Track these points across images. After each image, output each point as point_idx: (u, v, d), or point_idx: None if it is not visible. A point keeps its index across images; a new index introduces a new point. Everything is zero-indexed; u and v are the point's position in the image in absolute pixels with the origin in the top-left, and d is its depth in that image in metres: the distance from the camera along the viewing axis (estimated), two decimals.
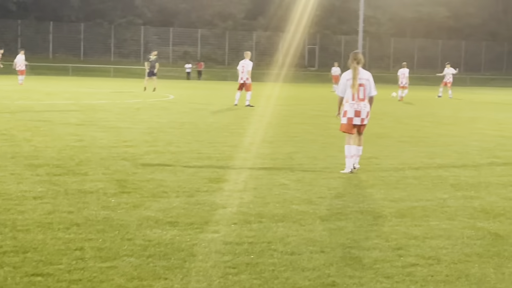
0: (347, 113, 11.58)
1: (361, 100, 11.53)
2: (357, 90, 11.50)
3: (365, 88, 11.55)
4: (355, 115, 11.52)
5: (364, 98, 11.54)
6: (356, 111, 11.51)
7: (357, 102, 11.51)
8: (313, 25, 79.58)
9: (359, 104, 11.51)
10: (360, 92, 11.51)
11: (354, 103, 11.51)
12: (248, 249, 6.50)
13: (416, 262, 6.24)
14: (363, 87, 11.53)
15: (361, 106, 11.51)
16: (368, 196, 9.33)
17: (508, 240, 7.13)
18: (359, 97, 11.52)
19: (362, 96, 11.53)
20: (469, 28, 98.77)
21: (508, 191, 9.97)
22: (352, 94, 11.52)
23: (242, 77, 28.62)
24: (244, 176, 10.67)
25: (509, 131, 19.84)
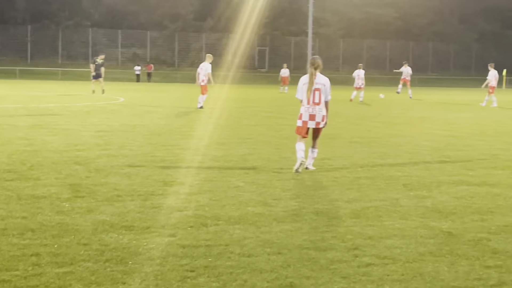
0: (302, 116, 11.90)
1: (316, 104, 11.80)
2: (313, 94, 11.77)
3: (320, 93, 11.80)
4: (309, 119, 11.84)
5: (319, 102, 11.80)
6: (311, 115, 11.82)
7: (312, 106, 11.81)
8: (262, 26, 79.86)
9: (314, 108, 11.80)
10: (315, 96, 11.79)
11: (309, 106, 11.81)
12: (206, 252, 6.51)
13: (371, 262, 6.32)
14: (318, 92, 11.80)
15: (316, 110, 11.80)
16: (322, 197, 9.40)
17: (460, 238, 7.25)
18: (314, 101, 11.80)
19: (317, 100, 11.79)
20: (416, 29, 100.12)
21: (459, 190, 10.14)
22: (308, 98, 11.80)
23: (204, 79, 28.41)
24: (198, 178, 10.67)
25: (458, 131, 20.16)
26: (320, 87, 11.83)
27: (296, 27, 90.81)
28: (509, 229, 7.69)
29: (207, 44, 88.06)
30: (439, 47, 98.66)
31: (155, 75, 79.48)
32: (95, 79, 40.17)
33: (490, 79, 35.99)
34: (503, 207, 8.95)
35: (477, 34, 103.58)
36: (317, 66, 11.88)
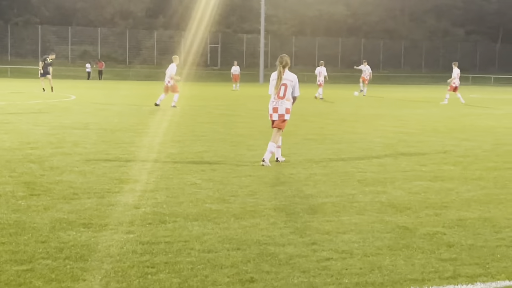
0: (269, 110, 12.68)
1: (280, 98, 12.51)
2: (279, 89, 12.47)
3: (286, 88, 12.50)
4: (273, 111, 12.57)
5: (283, 96, 12.49)
6: (274, 108, 12.56)
7: (277, 99, 12.54)
8: (215, 24, 79.82)
9: (277, 102, 12.53)
10: (281, 91, 12.49)
11: (274, 100, 12.55)
12: (165, 248, 6.52)
13: (330, 256, 6.39)
14: (285, 86, 12.50)
15: (279, 103, 12.51)
16: (279, 193, 9.46)
17: (415, 232, 7.37)
18: (279, 95, 12.51)
19: (282, 94, 12.50)
20: (367, 27, 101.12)
21: (412, 186, 10.29)
22: (275, 93, 12.53)
23: (169, 80, 28.15)
24: (154, 176, 10.65)
25: (410, 127, 20.42)
26: (287, 82, 12.49)
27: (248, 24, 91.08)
28: (463, 223, 7.84)
29: (159, 42, 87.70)
30: (390, 44, 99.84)
31: (106, 72, 78.86)
32: (42, 76, 39.79)
33: (454, 77, 36.39)
34: (456, 201, 9.12)
35: (427, 31, 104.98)
36: (285, 64, 12.60)
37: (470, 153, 14.47)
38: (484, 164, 12.79)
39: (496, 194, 9.71)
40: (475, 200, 9.25)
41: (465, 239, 7.09)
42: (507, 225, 7.77)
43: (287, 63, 12.66)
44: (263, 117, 23.92)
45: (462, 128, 20.65)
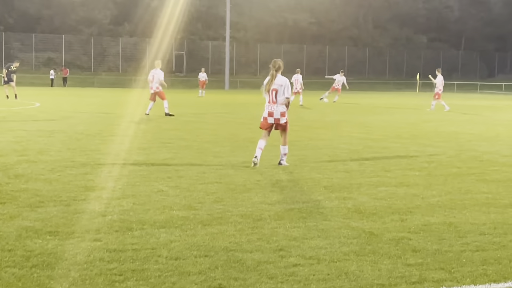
0: (264, 113, 13.42)
1: (274, 103, 13.25)
2: (271, 94, 13.19)
3: (276, 93, 13.18)
4: (268, 115, 13.35)
5: (276, 101, 13.22)
6: (269, 112, 13.33)
7: (271, 104, 13.28)
8: (180, 31, 79.71)
9: (272, 106, 13.28)
10: (273, 96, 13.21)
11: (269, 105, 13.32)
12: (133, 255, 6.51)
13: (297, 262, 6.43)
14: (275, 92, 13.18)
15: (273, 108, 13.26)
16: (246, 199, 9.48)
17: (381, 238, 7.44)
18: (272, 100, 13.23)
19: (274, 99, 13.21)
20: (332, 34, 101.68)
21: (378, 191, 10.38)
22: (268, 98, 13.28)
23: (152, 87, 27.64)
24: (121, 183, 10.61)
25: (375, 134, 20.57)
26: (277, 87, 13.15)
27: (214, 31, 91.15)
28: (428, 228, 7.93)
29: (124, 49, 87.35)
30: (354, 51, 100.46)
31: (71, 79, 78.27)
32: (6, 84, 39.46)
33: (438, 84, 36.57)
34: (421, 207, 9.21)
35: (391, 39, 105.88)
36: (278, 68, 13.28)
37: (434, 159, 14.62)
38: (448, 169, 12.94)
39: (460, 199, 9.83)
40: (439, 205, 9.36)
41: (430, 244, 7.17)
42: (471, 230, 7.87)
43: (280, 67, 13.28)
44: (229, 123, 23.96)
45: (425, 134, 20.84)
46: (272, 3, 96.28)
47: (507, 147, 17.27)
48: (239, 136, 18.95)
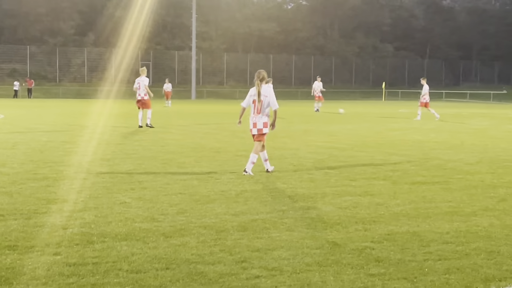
0: (250, 125, 13.58)
1: (258, 113, 13.46)
2: (256, 105, 13.44)
3: (262, 103, 13.42)
4: (253, 126, 13.54)
5: (260, 111, 13.45)
6: (254, 123, 13.51)
7: (255, 115, 13.49)
8: (145, 40, 79.48)
9: (255, 117, 13.49)
10: (258, 107, 13.44)
11: (254, 116, 13.51)
12: (93, 269, 6.40)
13: (260, 274, 6.37)
14: (261, 103, 13.42)
15: (257, 118, 13.48)
16: (209, 211, 9.41)
17: (345, 248, 7.41)
18: (257, 111, 13.46)
19: (259, 110, 13.45)
20: (298, 43, 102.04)
21: (342, 201, 10.36)
22: (254, 109, 13.48)
23: (140, 94, 27.18)
24: (83, 195, 10.48)
25: (340, 143, 20.60)
26: (262, 98, 13.40)
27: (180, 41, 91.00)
28: (391, 237, 7.92)
29: (89, 59, 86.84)
30: (320, 60, 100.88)
31: (36, 90, 77.62)
32: None
33: (425, 93, 36.65)
34: (385, 216, 9.21)
35: (357, 48, 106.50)
36: (262, 78, 13.45)
37: (399, 167, 14.67)
38: (413, 178, 12.97)
39: (424, 208, 9.85)
40: (403, 214, 9.36)
41: (393, 254, 7.16)
42: (435, 238, 7.87)
43: (264, 77, 13.46)
44: (194, 133, 23.87)
45: (391, 142, 20.93)
46: (238, 13, 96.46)
47: (471, 155, 17.39)
48: (205, 146, 18.87)
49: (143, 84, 27.17)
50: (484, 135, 24.68)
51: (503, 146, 19.87)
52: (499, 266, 6.71)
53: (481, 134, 24.92)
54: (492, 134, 25.03)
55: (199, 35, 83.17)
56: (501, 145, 20.21)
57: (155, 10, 76.40)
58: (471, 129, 27.89)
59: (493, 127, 29.50)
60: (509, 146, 20.06)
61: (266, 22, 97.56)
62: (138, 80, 27.39)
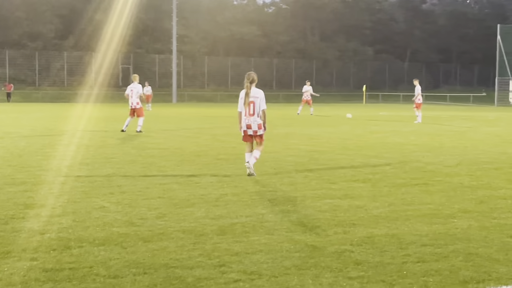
0: (241, 126, 13.89)
1: (251, 115, 13.77)
2: (248, 107, 13.71)
3: (254, 105, 13.78)
4: (247, 128, 13.86)
5: (253, 113, 13.77)
6: (247, 125, 13.83)
7: (248, 117, 13.79)
8: (126, 44, 79.24)
9: (249, 119, 13.79)
10: (250, 108, 13.76)
11: (246, 117, 13.80)
12: (70, 275, 6.35)
13: (238, 278, 6.34)
14: (253, 104, 13.77)
15: (251, 120, 13.79)
16: (189, 215, 9.37)
17: (324, 251, 7.40)
18: (249, 112, 13.76)
19: (252, 111, 13.78)
20: (279, 46, 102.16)
21: (322, 204, 10.35)
22: (245, 110, 13.76)
23: (133, 102, 26.73)
24: (61, 200, 10.41)
25: (321, 146, 20.61)
26: (254, 100, 13.75)
27: (160, 44, 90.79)
28: (371, 240, 7.91)
29: (69, 63, 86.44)
30: (301, 63, 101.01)
31: (15, 94, 77.12)
32: None
33: (418, 93, 36.54)
34: (364, 219, 9.21)
35: (337, 51, 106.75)
36: (252, 80, 13.81)
37: (379, 170, 14.69)
38: (392, 180, 13.00)
39: (403, 210, 9.86)
40: (383, 217, 9.37)
41: (372, 257, 7.15)
42: (414, 241, 7.88)
43: (254, 79, 13.82)
44: (175, 137, 23.79)
45: (371, 145, 20.97)
46: (219, 16, 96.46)
47: (451, 157, 17.45)
48: (185, 150, 18.82)
49: (136, 91, 26.77)
50: (463, 137, 24.80)
51: (483, 148, 19.97)
52: (477, 268, 6.73)
53: (460, 137, 25.03)
54: (471, 137, 25.15)
55: (180, 39, 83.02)
56: (481, 147, 20.31)
57: (136, 13, 76.21)
58: (451, 132, 28.01)
59: (473, 130, 29.65)
60: (489, 148, 20.16)
61: (247, 25, 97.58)
62: (131, 87, 26.95)
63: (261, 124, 13.86)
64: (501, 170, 14.80)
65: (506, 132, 27.77)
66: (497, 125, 33.87)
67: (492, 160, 16.70)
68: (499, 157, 17.48)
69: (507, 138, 24.22)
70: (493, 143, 22.15)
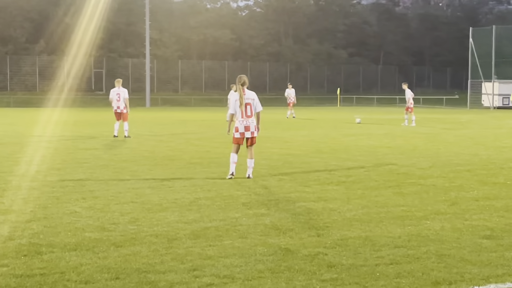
0: (238, 129, 13.83)
1: (248, 117, 13.84)
2: (245, 109, 13.74)
3: (251, 106, 13.87)
4: (245, 130, 13.85)
5: (251, 115, 13.87)
6: (246, 127, 13.84)
7: (246, 119, 13.81)
8: (98, 48, 78.78)
9: (247, 120, 13.83)
10: (247, 110, 13.82)
11: (243, 120, 13.80)
12: (40, 281, 6.28)
13: (211, 282, 6.31)
14: (249, 106, 13.84)
15: (249, 122, 13.86)
16: (162, 219, 9.32)
17: (297, 254, 7.38)
18: (246, 114, 13.81)
19: (249, 113, 13.85)
20: (253, 50, 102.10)
21: (296, 207, 10.34)
22: (241, 112, 13.75)
23: (119, 106, 26.23)
24: (32, 205, 10.30)
25: (295, 149, 20.62)
26: (250, 101, 13.84)
27: (133, 48, 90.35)
28: (344, 242, 7.91)
29: (41, 67, 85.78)
30: (275, 67, 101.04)
31: None
32: None
33: (409, 97, 36.52)
34: (338, 221, 9.21)
35: (311, 54, 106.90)
36: (243, 83, 13.83)
37: (353, 173, 14.72)
38: (366, 183, 13.02)
39: (376, 212, 9.88)
40: (356, 219, 9.38)
41: (346, 259, 7.15)
42: (387, 243, 7.89)
43: (245, 82, 13.83)
44: (148, 141, 23.67)
45: (344, 148, 21.00)
46: (192, 20, 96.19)
47: (424, 159, 17.53)
48: (158, 154, 18.73)
49: (123, 96, 26.32)
50: (436, 139, 24.92)
51: (455, 151, 20.08)
52: (449, 269, 6.74)
53: (433, 139, 25.16)
54: (444, 139, 25.29)
55: (153, 42, 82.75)
56: (453, 150, 20.43)
57: (107, 17, 75.71)
58: (424, 134, 28.14)
59: (446, 132, 29.82)
60: (461, 150, 20.28)
61: (221, 29, 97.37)
62: (115, 90, 26.45)
63: (257, 126, 14.02)
64: (474, 172, 14.89)
65: (479, 135, 27.97)
66: (470, 127, 34.09)
67: (464, 162, 16.80)
68: (472, 159, 17.59)
69: (479, 140, 24.39)
70: (466, 145, 22.29)
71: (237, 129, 13.87)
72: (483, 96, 70.56)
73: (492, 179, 13.61)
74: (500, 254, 7.37)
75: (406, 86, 36.84)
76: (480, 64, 70.40)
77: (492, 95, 68.77)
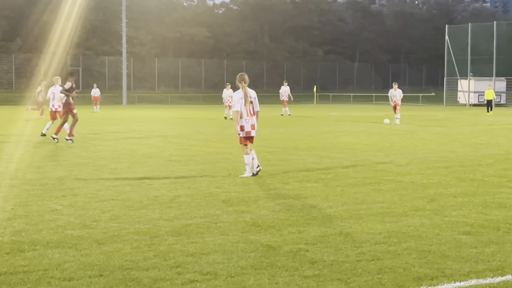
0: (244, 127, 13.75)
1: (252, 116, 13.83)
2: (249, 108, 13.68)
3: (253, 105, 13.85)
4: (251, 128, 13.86)
5: (254, 113, 13.87)
6: (252, 125, 13.85)
7: (250, 117, 13.80)
8: (74, 46, 78.33)
9: (252, 119, 13.83)
10: (251, 109, 13.77)
11: (249, 118, 13.77)
12: (24, 278, 6.29)
13: (194, 279, 6.35)
14: (252, 104, 13.82)
15: (253, 120, 13.87)
16: (143, 216, 9.34)
17: (279, 250, 7.44)
18: (250, 112, 13.78)
19: (252, 112, 13.85)
20: (229, 48, 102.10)
21: (276, 204, 10.40)
22: (247, 111, 13.68)
23: (54, 105, 25.75)
24: (13, 203, 10.28)
25: (272, 146, 20.67)
26: (252, 100, 13.82)
27: (110, 46, 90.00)
28: (325, 239, 7.98)
29: (17, 65, 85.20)
30: (252, 65, 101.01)
31: None
32: None
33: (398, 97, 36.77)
34: (318, 218, 9.28)
35: (287, 52, 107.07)
36: (245, 81, 13.77)
37: (331, 170, 14.80)
38: (345, 180, 13.11)
39: (356, 209, 9.96)
40: (336, 216, 9.45)
41: (327, 255, 7.21)
42: (367, 239, 7.97)
43: (246, 80, 13.79)
44: (126, 139, 23.63)
45: (322, 145, 21.09)
46: (168, 18, 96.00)
47: (401, 156, 17.66)
48: (137, 152, 18.71)
49: (57, 94, 25.45)
50: (413, 136, 25.10)
51: (432, 147, 20.24)
52: (430, 265, 6.83)
53: (410, 136, 25.34)
54: (421, 136, 25.47)
55: (130, 40, 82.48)
56: (430, 146, 20.59)
57: (83, 15, 75.34)
58: (401, 131, 28.32)
59: (422, 129, 30.04)
60: (438, 147, 20.44)
61: (197, 26, 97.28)
62: (52, 89, 26.02)
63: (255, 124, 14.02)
64: (451, 168, 15.03)
65: (455, 131, 28.20)
66: (446, 124, 34.37)
67: (441, 159, 16.95)
68: (449, 156, 17.75)
69: (456, 137, 24.60)
70: (442, 142, 22.47)
71: (243, 128, 13.77)
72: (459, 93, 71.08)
73: (470, 176, 13.75)
74: (480, 250, 7.47)
75: (396, 85, 37.41)
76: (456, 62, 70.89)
77: (468, 92, 69.30)
